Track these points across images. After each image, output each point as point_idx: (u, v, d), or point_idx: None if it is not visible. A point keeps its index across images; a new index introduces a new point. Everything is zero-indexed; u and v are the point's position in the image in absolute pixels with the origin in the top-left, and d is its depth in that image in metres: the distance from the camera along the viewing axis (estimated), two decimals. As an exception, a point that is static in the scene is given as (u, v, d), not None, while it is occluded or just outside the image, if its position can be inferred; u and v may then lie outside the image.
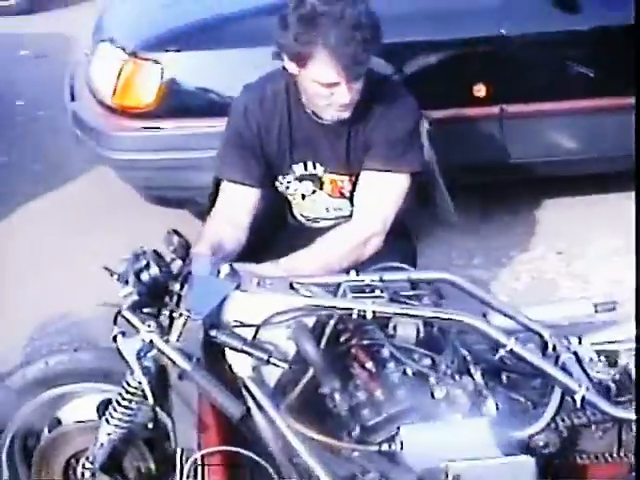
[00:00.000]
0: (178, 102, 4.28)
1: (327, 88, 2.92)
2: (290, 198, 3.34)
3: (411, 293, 2.56)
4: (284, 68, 3.05)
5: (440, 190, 4.38)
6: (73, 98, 4.90)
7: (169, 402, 2.42)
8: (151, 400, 2.27)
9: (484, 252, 4.59)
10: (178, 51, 4.30)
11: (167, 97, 4.28)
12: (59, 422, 2.68)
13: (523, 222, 4.86)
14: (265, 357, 2.36)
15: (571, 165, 4.72)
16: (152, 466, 2.60)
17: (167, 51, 4.30)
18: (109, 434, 2.49)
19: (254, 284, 2.50)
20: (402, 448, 2.31)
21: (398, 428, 2.35)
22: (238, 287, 2.48)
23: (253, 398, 2.41)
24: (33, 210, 5.22)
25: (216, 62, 4.16)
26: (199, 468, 2.42)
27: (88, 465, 2.55)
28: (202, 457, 2.42)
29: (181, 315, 2.33)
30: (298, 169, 3.24)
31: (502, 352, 2.51)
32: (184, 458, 2.43)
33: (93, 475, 2.55)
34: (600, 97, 4.55)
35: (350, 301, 2.46)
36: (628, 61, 3.96)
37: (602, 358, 2.77)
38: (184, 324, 2.33)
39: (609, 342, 2.90)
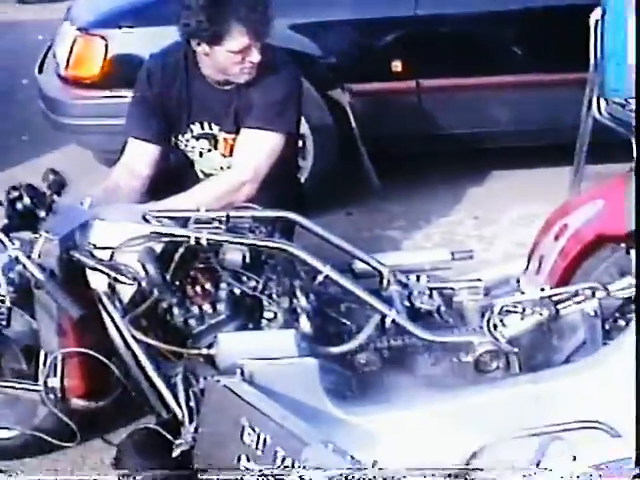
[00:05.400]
0: (121, 74, 4.72)
1: (240, 54, 3.42)
2: (190, 155, 3.77)
3: (247, 226, 2.99)
4: (187, 41, 3.51)
5: (363, 158, 4.81)
6: (41, 72, 5.39)
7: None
8: (8, 303, 2.73)
9: (406, 216, 4.97)
10: (121, 28, 4.76)
11: (111, 69, 4.75)
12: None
13: (451, 191, 5.21)
14: (113, 275, 2.81)
15: (490, 138, 5.08)
16: (24, 367, 3.04)
17: (112, 28, 4.77)
18: (-17, 335, 2.96)
19: (112, 214, 2.95)
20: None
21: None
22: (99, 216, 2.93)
23: (106, 310, 2.84)
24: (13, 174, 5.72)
25: (156, 38, 4.55)
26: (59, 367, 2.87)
27: (-32, 360, 3.02)
28: (62, 357, 2.85)
29: (41, 236, 2.78)
30: (195, 128, 3.68)
31: (320, 278, 2.93)
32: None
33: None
34: (518, 73, 4.91)
35: (189, 230, 2.90)
36: (549, 39, 4.39)
37: (430, 291, 3.17)
38: (43, 243, 2.77)
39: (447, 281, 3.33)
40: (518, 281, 3.32)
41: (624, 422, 2.49)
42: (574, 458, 1.93)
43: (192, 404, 2.64)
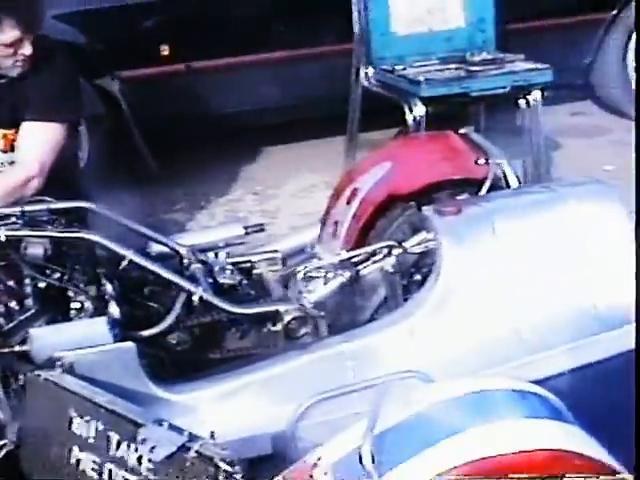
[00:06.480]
0: None
1: (11, 47, 3.38)
2: (-34, 153, 3.67)
3: (45, 219, 2.95)
4: None
5: (138, 143, 4.80)
6: None
7: None
8: None
9: (187, 198, 5.02)
10: None
11: None
12: None
13: (226, 170, 5.30)
14: None
15: (262, 115, 5.18)
16: None
17: None
18: None
19: None
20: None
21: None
22: None
23: None
24: None
25: None
26: None
27: None
28: None
29: None
30: (-32, 126, 3.59)
31: (124, 263, 2.92)
32: None
33: None
34: (285, 49, 5.02)
35: (-15, 229, 2.83)
36: (312, 12, 4.48)
37: (230, 267, 3.21)
38: None
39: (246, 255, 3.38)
40: (313, 248, 3.41)
41: (432, 368, 2.62)
42: (405, 403, 2.02)
43: (13, 402, 2.59)
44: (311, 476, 1.94)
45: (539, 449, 1.85)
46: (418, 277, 3.03)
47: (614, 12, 5.87)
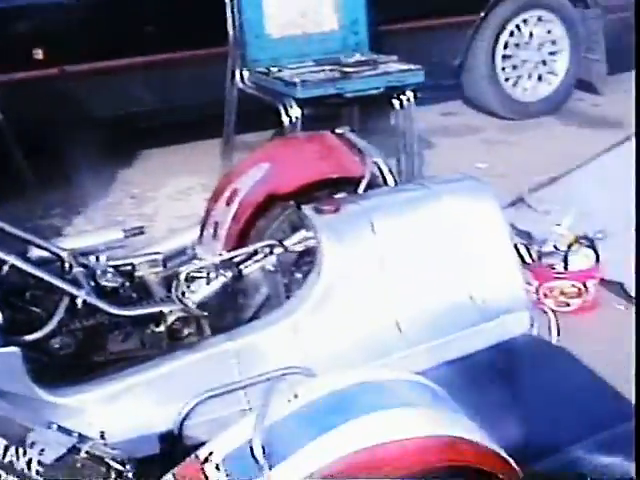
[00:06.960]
0: None
1: None
2: None
3: None
4: None
5: (12, 148, 4.74)
6: None
7: None
8: None
9: (63, 203, 4.97)
10: None
11: None
12: None
13: (103, 174, 5.26)
14: None
15: (139, 118, 5.17)
16: None
17: None
18: None
19: None
20: None
21: None
22: None
23: None
24: None
25: None
26: None
27: None
28: None
29: None
30: None
31: (5, 268, 2.90)
32: None
33: None
34: (161, 52, 5.03)
35: None
36: (187, 16, 4.48)
37: (112, 270, 3.21)
38: None
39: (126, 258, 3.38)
40: (193, 249, 3.43)
41: (316, 363, 2.67)
42: (292, 397, 2.06)
43: None
44: (203, 470, 1.97)
45: (425, 436, 1.91)
46: (299, 275, 3.07)
47: (482, 15, 6.03)
